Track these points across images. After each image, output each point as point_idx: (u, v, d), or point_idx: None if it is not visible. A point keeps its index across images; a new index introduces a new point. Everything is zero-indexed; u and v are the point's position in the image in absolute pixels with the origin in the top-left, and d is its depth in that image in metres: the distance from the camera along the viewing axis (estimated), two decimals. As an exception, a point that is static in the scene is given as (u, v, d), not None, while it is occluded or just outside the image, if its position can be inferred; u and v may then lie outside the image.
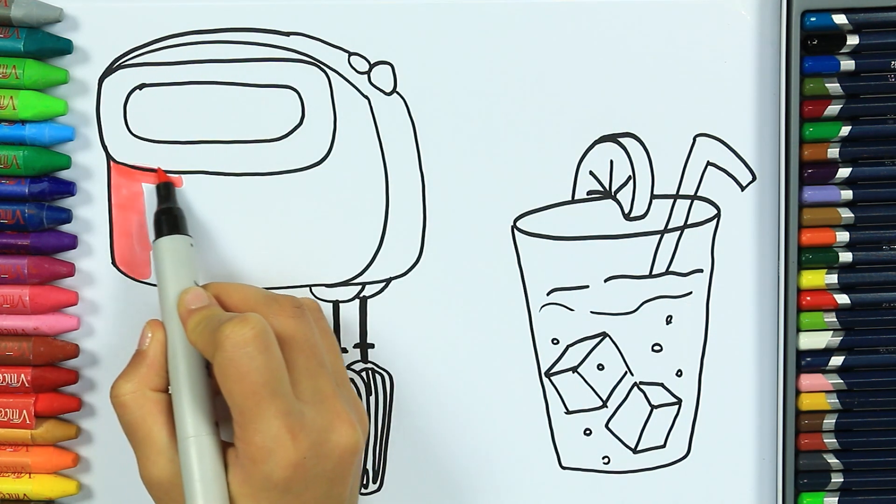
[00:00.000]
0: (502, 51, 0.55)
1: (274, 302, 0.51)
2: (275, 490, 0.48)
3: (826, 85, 0.54)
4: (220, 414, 0.50)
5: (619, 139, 0.56)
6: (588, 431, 0.58)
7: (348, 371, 0.57)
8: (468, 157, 0.56)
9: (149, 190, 0.55)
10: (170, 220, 0.53)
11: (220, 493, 0.48)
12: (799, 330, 0.56)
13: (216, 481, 0.48)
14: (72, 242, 0.55)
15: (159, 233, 0.53)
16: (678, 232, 0.56)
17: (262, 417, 0.47)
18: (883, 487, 0.57)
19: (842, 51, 0.54)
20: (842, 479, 0.57)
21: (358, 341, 0.57)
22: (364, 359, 0.57)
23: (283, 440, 0.47)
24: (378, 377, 0.57)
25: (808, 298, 0.56)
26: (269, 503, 0.48)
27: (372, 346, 0.57)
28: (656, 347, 0.57)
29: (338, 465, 0.49)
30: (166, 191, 0.54)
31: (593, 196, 0.56)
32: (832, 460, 0.57)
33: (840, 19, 0.54)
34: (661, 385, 0.58)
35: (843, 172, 0.55)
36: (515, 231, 0.56)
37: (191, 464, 0.49)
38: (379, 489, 0.58)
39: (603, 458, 0.58)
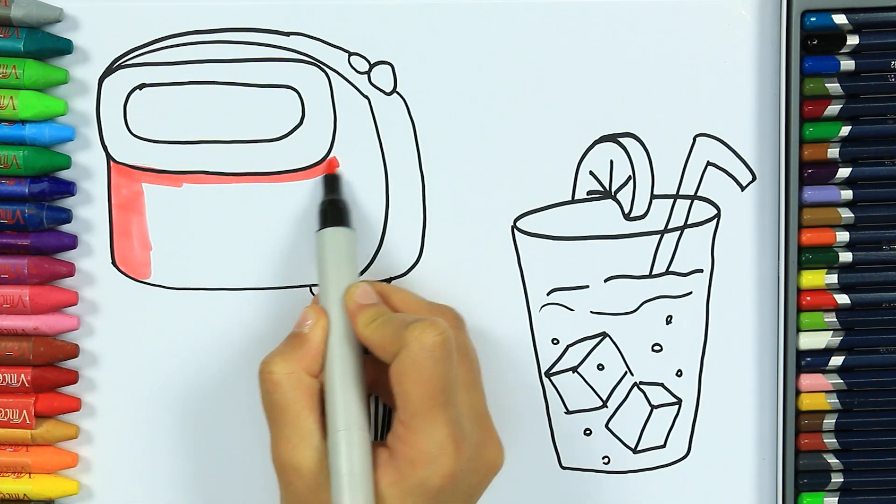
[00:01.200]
0: (502, 51, 0.55)
1: (439, 312, 0.52)
2: (425, 497, 0.48)
3: (826, 85, 0.54)
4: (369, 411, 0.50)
5: (619, 139, 0.56)
6: (588, 431, 0.58)
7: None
8: (468, 157, 0.56)
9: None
10: (335, 211, 0.53)
11: (366, 490, 0.47)
12: (799, 330, 0.56)
13: (364, 478, 0.48)
14: (72, 242, 0.55)
15: (324, 223, 0.53)
16: (678, 232, 0.56)
17: (433, 423, 0.47)
18: (883, 487, 0.57)
19: (842, 51, 0.54)
20: (842, 479, 0.57)
21: (358, 341, 0.57)
22: (364, 359, 0.57)
23: (448, 449, 0.47)
24: (378, 377, 0.57)
25: (808, 298, 0.56)
26: None
27: (372, 346, 0.57)
28: (656, 347, 0.57)
29: (482, 481, 0.50)
30: (332, 182, 0.54)
31: (593, 196, 0.56)
32: (832, 460, 0.57)
33: (840, 19, 0.54)
34: (661, 385, 0.58)
35: (843, 172, 0.55)
36: (515, 231, 0.56)
37: (340, 457, 0.48)
38: (379, 489, 0.58)
39: (603, 458, 0.58)
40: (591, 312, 0.57)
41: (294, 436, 0.49)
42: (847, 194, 0.55)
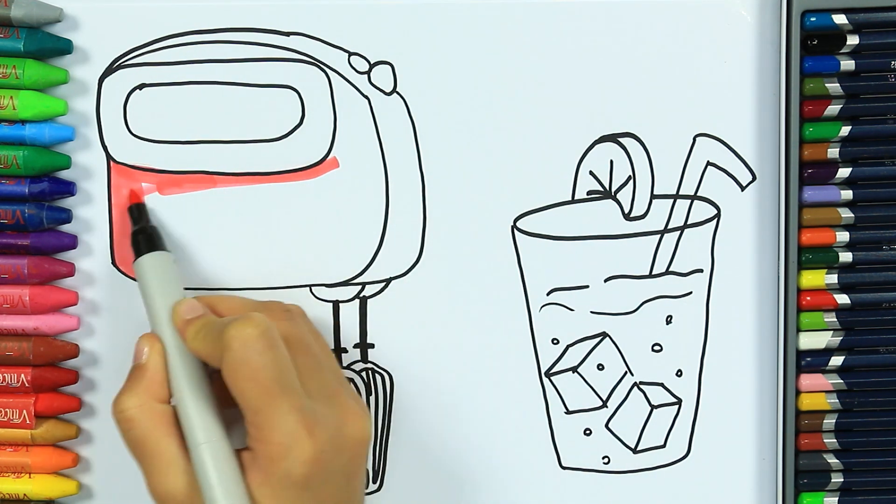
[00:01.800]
0: (502, 51, 0.55)
1: (263, 307, 0.52)
2: (295, 487, 0.48)
3: (826, 85, 0.54)
4: (226, 422, 0.50)
5: (619, 139, 0.56)
6: (588, 431, 0.58)
7: (348, 371, 0.57)
8: (468, 157, 0.56)
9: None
10: (146, 238, 0.54)
11: (240, 496, 0.48)
12: (799, 330, 0.56)
13: (235, 485, 0.48)
14: (72, 242, 0.55)
15: (138, 252, 0.53)
16: (678, 232, 0.56)
17: (277, 413, 0.47)
18: (883, 487, 0.57)
19: (842, 51, 0.54)
20: (842, 479, 0.57)
21: (358, 341, 0.57)
22: (364, 359, 0.57)
23: (300, 436, 0.47)
24: (378, 377, 0.57)
25: (808, 298, 0.56)
26: (290, 502, 0.48)
27: (372, 346, 0.57)
28: (656, 347, 0.57)
29: (353, 458, 0.50)
30: (138, 211, 0.55)
31: (593, 196, 0.56)
32: (832, 460, 0.57)
33: (840, 19, 0.54)
34: (661, 385, 0.58)
35: (843, 172, 0.55)
36: (515, 231, 0.56)
37: (207, 470, 0.48)
38: (379, 489, 0.58)
39: (603, 458, 0.58)
40: (591, 312, 0.57)
41: (162, 465, 0.49)
42: (847, 194, 0.55)
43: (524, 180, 0.56)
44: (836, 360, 0.56)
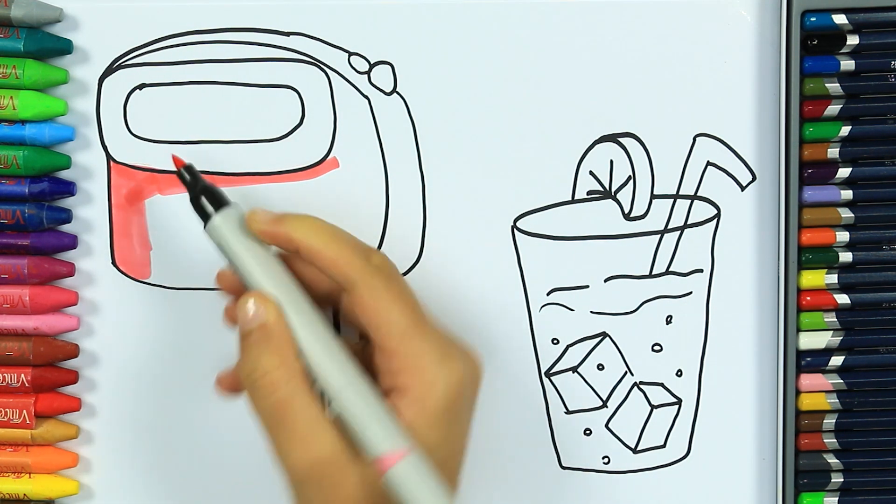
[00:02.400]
0: (502, 51, 0.55)
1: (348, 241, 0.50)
2: (446, 416, 0.46)
3: (826, 85, 0.54)
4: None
5: (619, 139, 0.56)
6: (588, 431, 0.58)
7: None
8: (468, 157, 0.56)
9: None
10: (211, 197, 0.50)
11: (397, 430, 0.46)
12: (799, 330, 0.56)
13: (390, 419, 0.46)
14: (72, 242, 0.55)
15: (206, 214, 0.50)
16: (678, 232, 0.56)
17: (424, 336, 0.46)
18: (883, 487, 0.57)
19: (842, 51, 0.54)
20: (842, 479, 0.57)
21: (358, 341, 0.57)
22: (364, 359, 0.57)
23: (450, 353, 0.47)
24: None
25: (808, 298, 0.56)
26: (443, 432, 0.47)
27: (372, 346, 0.57)
28: (656, 347, 0.57)
29: (476, 390, 0.49)
30: (189, 173, 0.51)
31: (593, 196, 0.56)
32: (832, 460, 0.57)
33: (840, 19, 0.54)
34: (661, 385, 0.58)
35: (843, 172, 0.55)
36: (515, 231, 0.56)
37: (359, 410, 0.46)
38: (379, 489, 0.58)
39: (603, 458, 0.58)
40: (591, 312, 0.57)
41: (305, 429, 0.46)
42: (847, 194, 0.55)
43: (524, 180, 0.56)
44: (836, 360, 0.56)
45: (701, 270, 0.57)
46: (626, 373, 0.57)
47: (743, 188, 0.56)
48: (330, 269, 0.48)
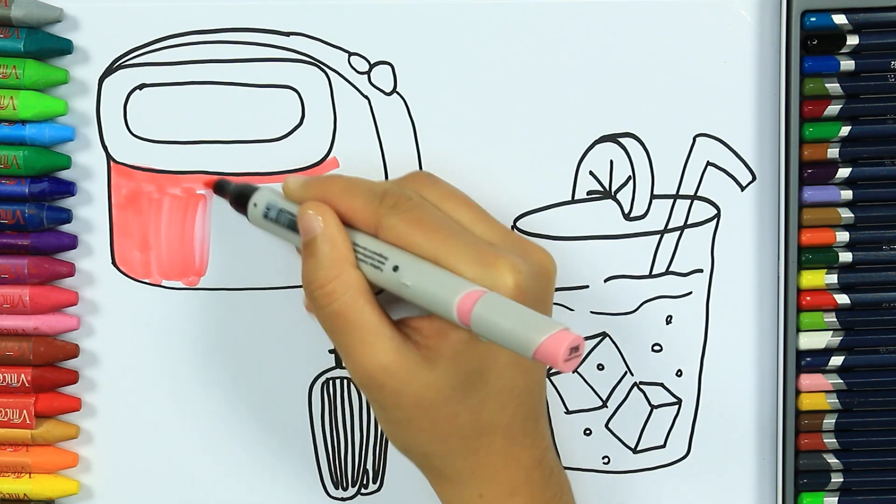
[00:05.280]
0: (502, 51, 0.55)
1: (398, 181, 0.51)
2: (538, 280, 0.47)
3: (826, 85, 0.54)
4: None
5: (619, 139, 0.56)
6: (588, 431, 0.58)
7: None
8: (468, 157, 0.56)
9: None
10: (239, 194, 0.52)
11: (471, 283, 0.45)
12: (799, 330, 0.56)
13: (460, 278, 0.46)
14: (72, 242, 0.55)
15: (245, 208, 0.51)
16: (678, 232, 0.56)
17: (453, 255, 0.46)
18: (883, 487, 0.57)
19: (842, 51, 0.54)
20: (842, 479, 0.57)
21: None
22: (364, 359, 0.57)
23: (486, 272, 0.46)
24: (378, 377, 0.57)
25: (808, 298, 0.56)
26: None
27: (372, 346, 0.57)
28: (656, 347, 0.57)
29: (546, 285, 0.49)
30: (220, 187, 0.53)
31: (593, 196, 0.56)
32: (832, 460, 0.57)
33: (840, 19, 0.54)
34: (661, 385, 0.58)
35: (843, 172, 0.55)
36: (515, 231, 0.56)
37: (428, 269, 0.46)
38: (379, 489, 0.58)
39: (603, 458, 0.58)
40: (591, 312, 0.57)
41: (368, 336, 0.47)
42: (847, 194, 0.55)
43: (524, 180, 0.56)
44: (836, 360, 0.56)
45: (701, 270, 0.57)
46: (626, 373, 0.57)
47: (743, 188, 0.56)
48: (352, 221, 0.49)
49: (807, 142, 0.55)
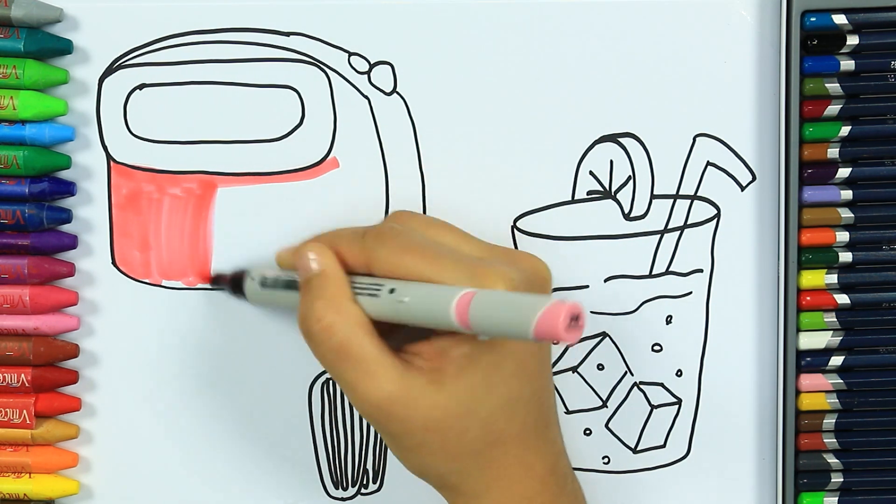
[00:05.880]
0: (502, 51, 0.55)
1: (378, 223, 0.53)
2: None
3: (826, 85, 0.54)
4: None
5: (619, 139, 0.56)
6: (588, 431, 0.58)
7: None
8: (468, 157, 0.56)
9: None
10: (235, 275, 0.55)
11: (464, 289, 0.46)
12: (799, 330, 0.56)
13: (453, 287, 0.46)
14: (72, 242, 0.55)
15: (241, 293, 0.55)
16: (678, 232, 0.56)
17: (444, 272, 0.47)
18: (883, 487, 0.57)
19: (842, 51, 0.54)
20: (842, 479, 0.57)
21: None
22: (364, 359, 0.57)
23: (473, 282, 0.46)
24: (378, 377, 0.57)
25: (808, 298, 0.56)
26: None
27: (372, 346, 0.57)
28: (656, 347, 0.57)
29: (542, 289, 0.49)
30: (217, 280, 0.56)
31: (593, 196, 0.56)
32: (832, 460, 0.57)
33: (840, 19, 0.54)
34: (661, 385, 0.58)
35: (843, 172, 0.55)
36: (515, 231, 0.56)
37: (422, 287, 0.46)
38: (379, 489, 0.58)
39: (603, 458, 0.58)
40: (591, 312, 0.57)
41: (370, 367, 0.47)
42: (847, 194, 0.55)
43: (524, 180, 0.56)
44: (836, 360, 0.56)
45: (701, 270, 0.57)
46: (626, 373, 0.57)
47: (743, 188, 0.56)
48: (345, 266, 0.49)
49: (807, 142, 0.55)
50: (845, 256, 0.56)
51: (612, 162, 0.56)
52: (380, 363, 0.47)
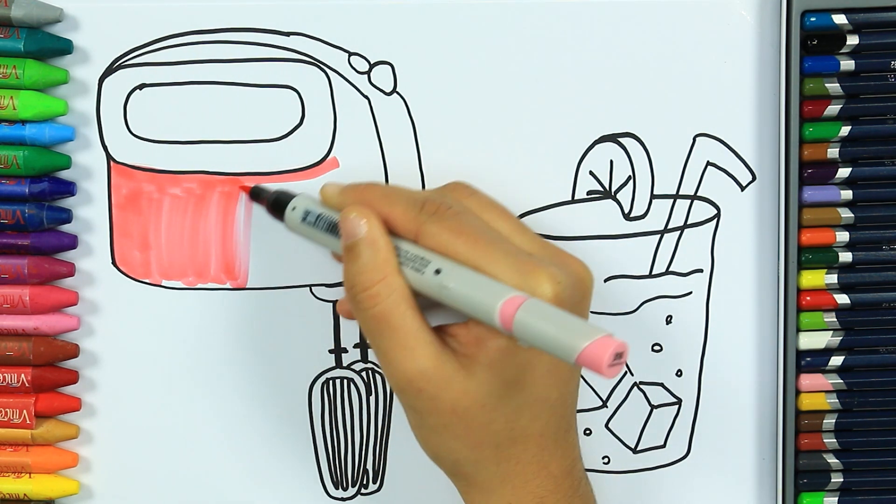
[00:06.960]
0: (502, 51, 0.55)
1: (439, 192, 0.51)
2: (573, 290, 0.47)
3: (826, 85, 0.54)
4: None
5: (619, 139, 0.56)
6: (588, 431, 0.58)
7: (348, 371, 0.57)
8: (468, 157, 0.56)
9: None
10: (278, 198, 0.52)
11: (513, 289, 0.45)
12: (799, 330, 0.56)
13: (502, 283, 0.45)
14: (72, 242, 0.55)
15: (281, 213, 0.52)
16: (678, 232, 0.56)
17: (493, 263, 0.46)
18: (883, 487, 0.57)
19: (842, 51, 0.54)
20: (842, 479, 0.57)
21: (358, 341, 0.57)
22: (364, 359, 0.57)
23: (524, 281, 0.46)
24: (378, 377, 0.57)
25: (808, 298, 0.56)
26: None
27: (372, 346, 0.57)
28: (656, 347, 0.57)
29: (584, 296, 0.49)
30: (256, 192, 0.54)
31: (593, 196, 0.56)
32: (832, 460, 0.57)
33: (840, 19, 0.54)
34: (661, 385, 0.58)
35: (843, 172, 0.55)
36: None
37: (470, 275, 0.46)
38: (379, 489, 0.58)
39: (603, 458, 0.58)
40: (592, 312, 0.57)
41: (408, 340, 0.47)
42: (847, 194, 0.55)
43: (524, 180, 0.56)
44: (836, 360, 0.56)
45: (701, 270, 0.57)
46: (626, 373, 0.57)
47: (743, 188, 0.56)
48: (392, 228, 0.49)
49: (807, 142, 0.55)
50: (845, 256, 0.56)
51: (612, 162, 0.56)
52: (418, 338, 0.47)
